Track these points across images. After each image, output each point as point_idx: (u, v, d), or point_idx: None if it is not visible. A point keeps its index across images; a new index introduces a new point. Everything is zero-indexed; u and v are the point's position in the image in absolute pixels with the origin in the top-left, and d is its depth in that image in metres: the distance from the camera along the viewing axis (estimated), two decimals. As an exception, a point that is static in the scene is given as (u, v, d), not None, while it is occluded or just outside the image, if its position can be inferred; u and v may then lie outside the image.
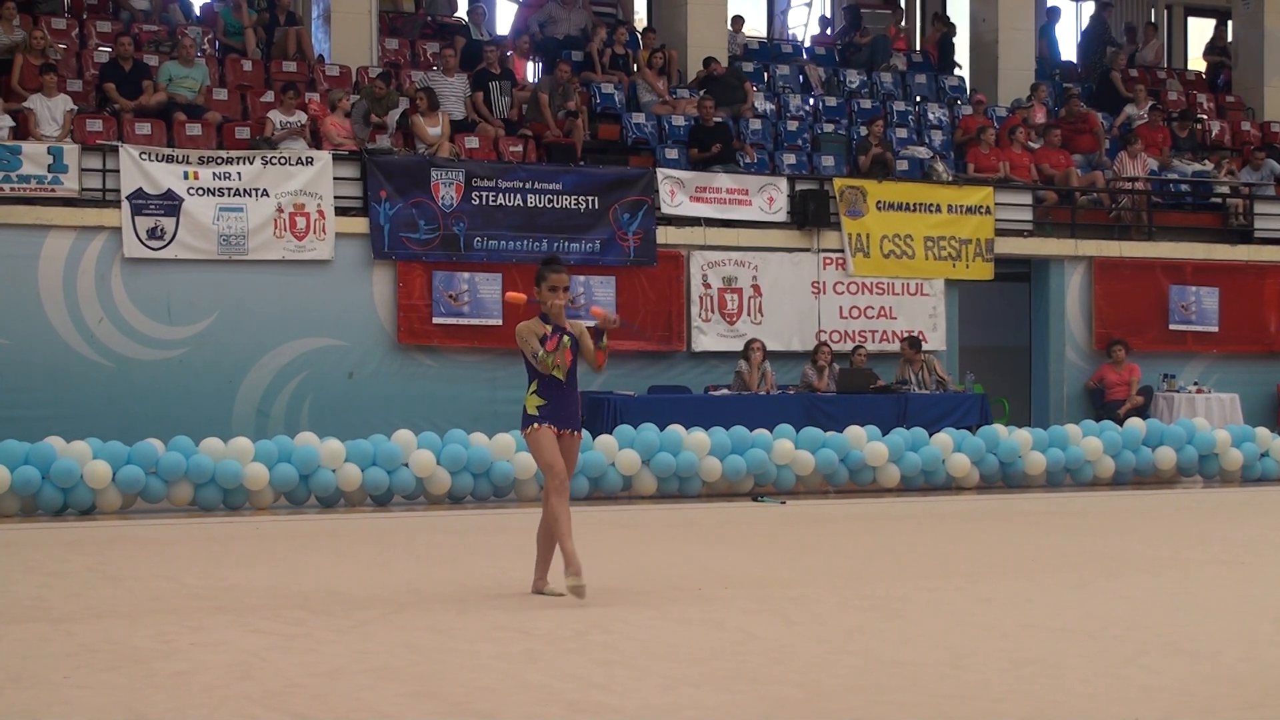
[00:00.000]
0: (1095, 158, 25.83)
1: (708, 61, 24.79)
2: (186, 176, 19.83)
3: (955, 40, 29.87)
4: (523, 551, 13.15)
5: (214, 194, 19.91)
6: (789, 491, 18.30)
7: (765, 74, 26.26)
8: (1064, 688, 7.61)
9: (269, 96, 21.76)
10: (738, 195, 22.51)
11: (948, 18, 30.33)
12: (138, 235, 19.63)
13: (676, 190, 22.12)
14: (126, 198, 19.60)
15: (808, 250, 22.75)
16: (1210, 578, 11.58)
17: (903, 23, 30.87)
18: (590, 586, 10.07)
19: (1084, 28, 31.38)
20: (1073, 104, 26.77)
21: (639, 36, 25.80)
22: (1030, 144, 25.31)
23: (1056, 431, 19.87)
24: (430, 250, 20.83)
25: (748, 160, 23.35)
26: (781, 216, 22.72)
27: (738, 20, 27.46)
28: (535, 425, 10.55)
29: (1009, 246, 23.98)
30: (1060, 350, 24.33)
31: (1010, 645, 8.71)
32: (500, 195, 21.19)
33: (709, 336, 22.03)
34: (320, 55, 23.49)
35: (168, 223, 19.72)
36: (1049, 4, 31.53)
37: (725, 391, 20.83)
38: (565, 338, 10.63)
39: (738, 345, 21.65)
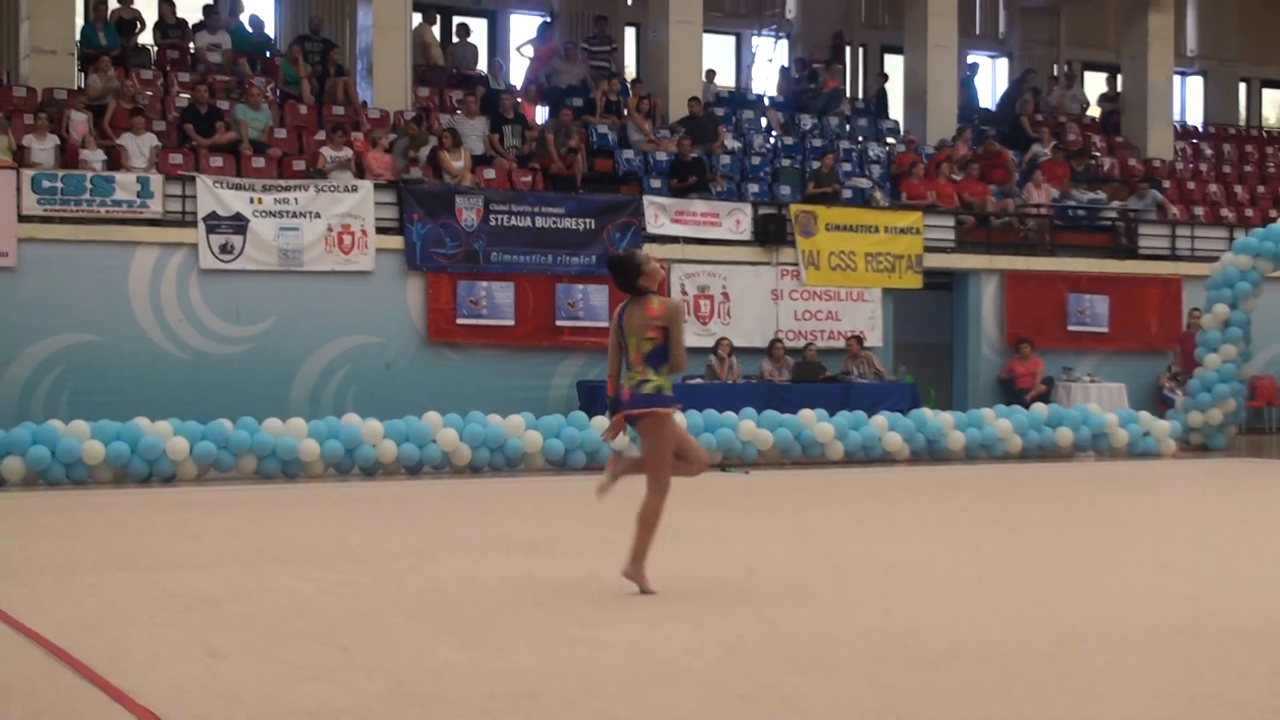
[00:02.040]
0: (1007, 187, 25.84)
1: (690, 102, 24.86)
2: (252, 201, 19.81)
3: (889, 91, 30.00)
4: (531, 512, 13.17)
5: (275, 216, 19.89)
6: (752, 464, 18.30)
7: (733, 117, 26.25)
8: (979, 626, 7.63)
9: (321, 135, 21.74)
10: (710, 218, 22.51)
11: (885, 73, 30.41)
12: (211, 250, 19.61)
13: (660, 214, 22.12)
14: (202, 219, 19.58)
15: (768, 264, 22.74)
16: (1100, 536, 11.61)
17: (847, 76, 30.85)
18: (588, 542, 10.08)
19: (1006, 86, 31.38)
20: (989, 143, 26.78)
21: (629, 86, 25.79)
22: (953, 176, 25.31)
23: (974, 414, 19.88)
24: (455, 263, 20.83)
25: (719, 189, 23.34)
26: (746, 236, 22.72)
27: (711, 73, 27.45)
28: (677, 410, 8.67)
29: (935, 261, 23.99)
30: (977, 347, 24.36)
31: (935, 591, 8.73)
32: (513, 218, 21.19)
33: (686, 335, 21.96)
34: (364, 101, 23.47)
35: (236, 240, 19.70)
36: (969, 61, 31.54)
37: (699, 381, 20.83)
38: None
39: (709, 342, 21.65)
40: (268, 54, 24.62)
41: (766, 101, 28.09)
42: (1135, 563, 9.99)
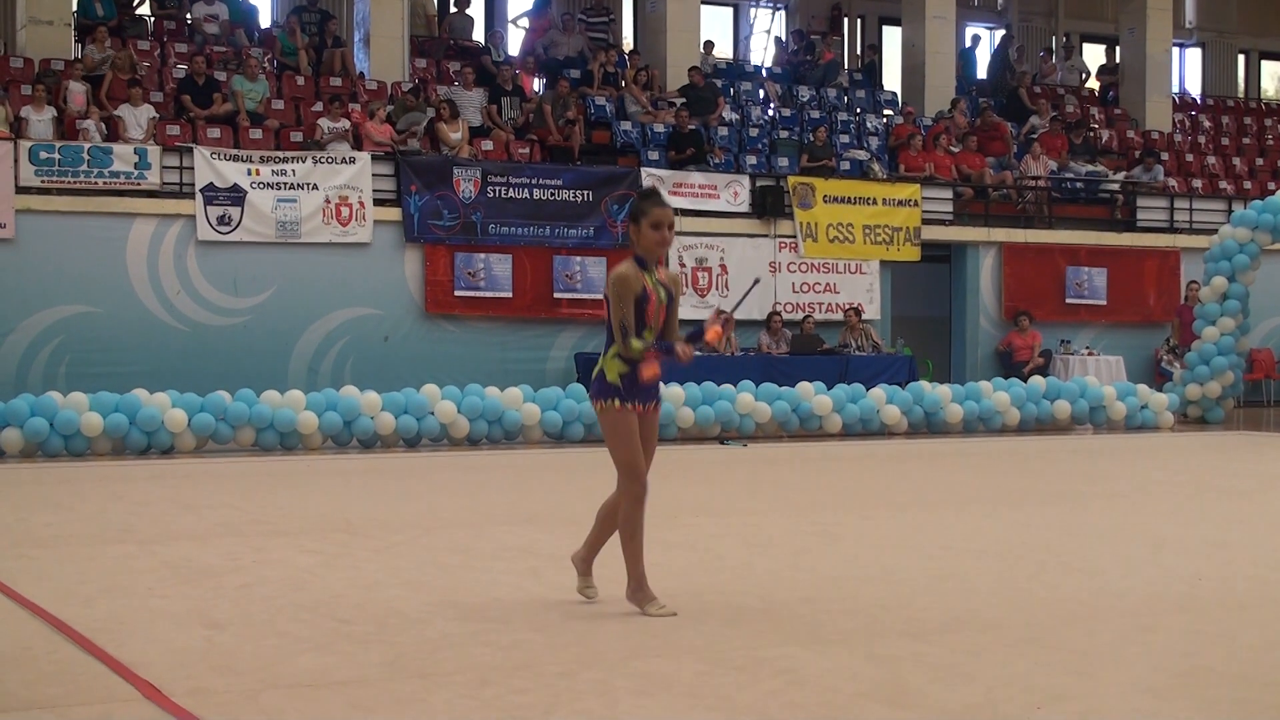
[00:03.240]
0: (1005, 160, 25.83)
1: (690, 71, 24.84)
2: (250, 173, 19.79)
3: (883, 64, 30.03)
4: (529, 485, 13.17)
5: (273, 187, 19.87)
6: (750, 436, 18.32)
7: (731, 89, 26.22)
8: (976, 599, 7.64)
9: (318, 106, 21.71)
10: (708, 190, 22.50)
11: (875, 45, 30.45)
12: (209, 222, 19.59)
13: (657, 185, 22.08)
14: (200, 190, 19.57)
15: (766, 236, 22.74)
16: (1098, 508, 11.62)
17: (845, 47, 30.80)
18: (586, 514, 10.03)
19: (991, 53, 31.27)
20: (987, 115, 26.76)
21: (626, 58, 25.74)
22: (951, 148, 25.30)
23: (972, 387, 19.89)
24: (452, 235, 20.82)
25: (716, 161, 23.32)
26: (744, 208, 22.72)
27: (709, 44, 27.41)
28: (616, 401, 7.10)
29: (933, 233, 24.00)
30: (975, 320, 24.38)
31: (932, 564, 8.73)
32: (511, 189, 21.18)
33: (684, 308, 21.93)
34: (361, 72, 23.42)
35: (234, 211, 19.69)
36: (971, 34, 31.47)
37: (697, 353, 20.79)
38: (662, 293, 7.23)
39: (707, 315, 21.61)
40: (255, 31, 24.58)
41: (764, 73, 28.05)
42: (1132, 536, 10.00)
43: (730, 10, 31.05)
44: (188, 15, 23.95)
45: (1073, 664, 6.23)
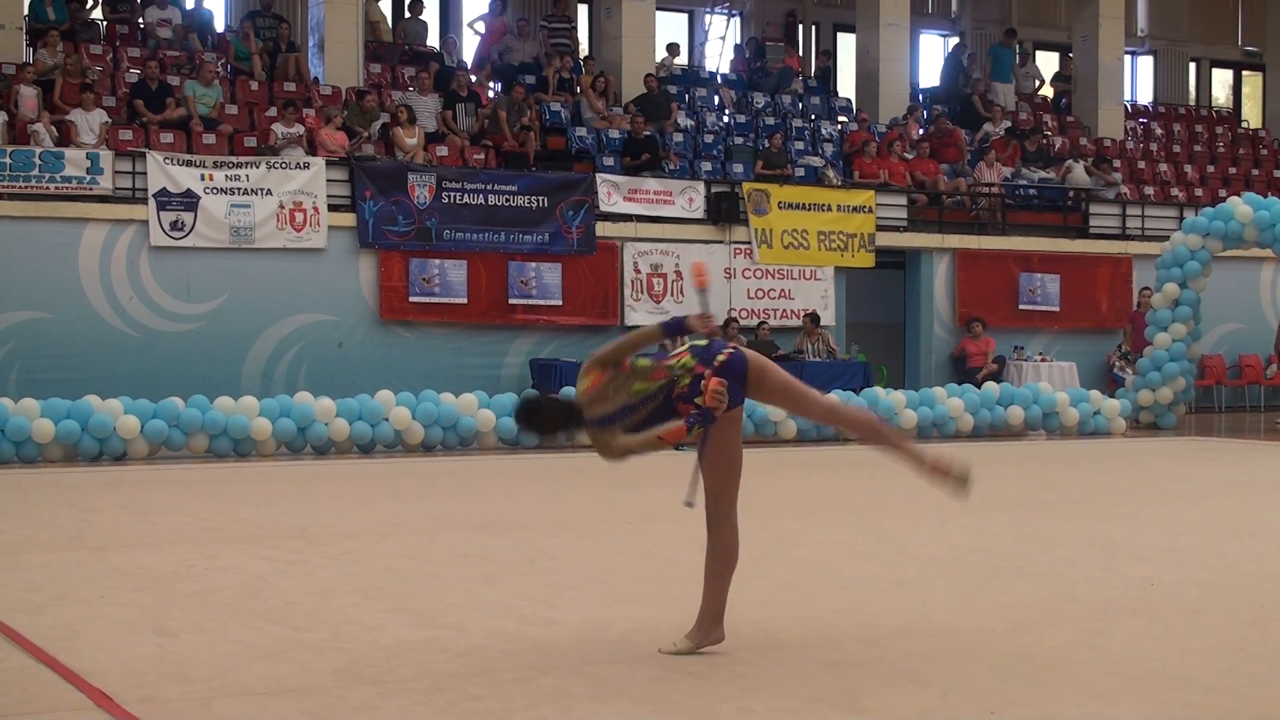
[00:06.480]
0: (959, 166, 25.93)
1: (646, 78, 24.85)
2: (203, 178, 19.70)
3: (839, 70, 30.10)
4: (484, 491, 13.15)
5: (226, 193, 19.79)
6: (705, 442, 18.28)
7: (686, 95, 26.23)
8: (931, 604, 7.68)
9: (272, 111, 21.62)
10: (663, 196, 22.51)
11: (828, 51, 30.54)
12: (162, 227, 19.49)
13: (612, 191, 22.11)
14: (153, 195, 19.46)
15: (721, 242, 22.76)
16: (1051, 514, 11.68)
17: (800, 53, 30.87)
18: (541, 520, 10.05)
19: (943, 61, 31.33)
20: (940, 122, 26.86)
21: (582, 63, 25.74)
22: (905, 155, 25.38)
23: (926, 393, 19.95)
24: (407, 241, 20.77)
25: (671, 167, 23.34)
26: (699, 214, 22.74)
27: (673, 47, 27.49)
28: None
29: (887, 240, 24.07)
30: (929, 326, 24.46)
31: (887, 570, 8.77)
32: (466, 195, 21.14)
33: (639, 313, 22.01)
34: (315, 77, 23.34)
35: (187, 217, 19.60)
36: (924, 40, 31.58)
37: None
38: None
39: (663, 319, 21.63)
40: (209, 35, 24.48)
41: (719, 79, 28.10)
42: (1085, 541, 10.06)
43: (685, 17, 31.08)
44: (140, 19, 23.82)
45: (1025, 669, 6.27)
